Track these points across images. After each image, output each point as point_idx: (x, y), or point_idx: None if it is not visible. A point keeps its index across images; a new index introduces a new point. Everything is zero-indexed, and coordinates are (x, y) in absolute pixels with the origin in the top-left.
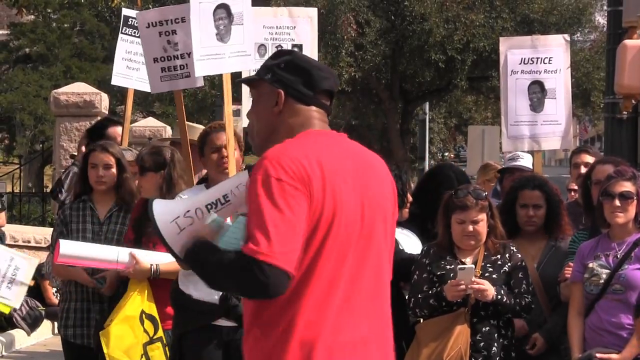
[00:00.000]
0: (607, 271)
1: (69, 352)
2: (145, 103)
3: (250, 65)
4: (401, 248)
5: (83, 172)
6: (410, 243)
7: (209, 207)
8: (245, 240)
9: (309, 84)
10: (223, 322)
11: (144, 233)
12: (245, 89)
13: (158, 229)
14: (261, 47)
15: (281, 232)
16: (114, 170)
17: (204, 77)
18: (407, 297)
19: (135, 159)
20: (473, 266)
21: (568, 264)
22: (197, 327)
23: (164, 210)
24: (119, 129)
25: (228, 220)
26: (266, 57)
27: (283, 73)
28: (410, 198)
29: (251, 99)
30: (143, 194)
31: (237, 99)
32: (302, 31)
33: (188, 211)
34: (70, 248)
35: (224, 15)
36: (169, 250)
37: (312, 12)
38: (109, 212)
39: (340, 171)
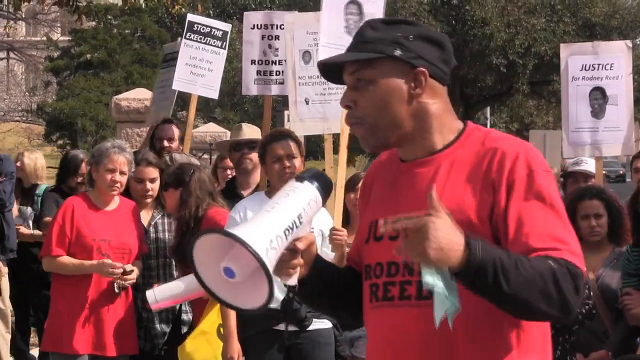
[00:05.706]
0: None
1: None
2: (207, 109)
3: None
4: None
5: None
6: None
7: (287, 232)
8: (543, 242)
9: (444, 60)
10: (284, 327)
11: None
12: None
13: (264, 263)
14: (305, 54)
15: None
16: (158, 181)
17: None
18: None
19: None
20: None
21: (625, 290)
22: (258, 331)
23: (254, 242)
24: (173, 130)
25: None
26: (311, 64)
27: (416, 46)
28: None
29: (357, 83)
30: (167, 208)
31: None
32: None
33: (271, 241)
34: (158, 294)
35: (355, 11)
36: (270, 283)
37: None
38: (153, 219)
39: None
